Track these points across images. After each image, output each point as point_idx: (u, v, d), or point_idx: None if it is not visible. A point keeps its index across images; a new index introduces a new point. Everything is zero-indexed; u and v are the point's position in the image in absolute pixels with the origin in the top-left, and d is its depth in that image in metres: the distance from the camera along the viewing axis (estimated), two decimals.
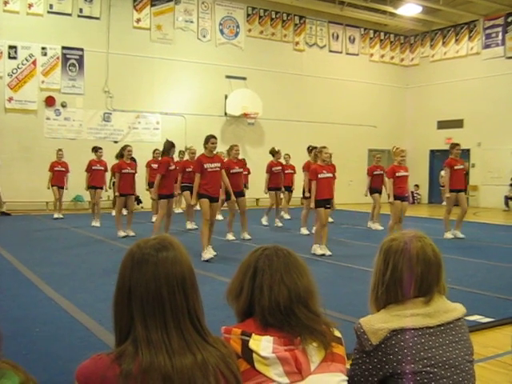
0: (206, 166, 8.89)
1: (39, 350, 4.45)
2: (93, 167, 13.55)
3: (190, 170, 12.02)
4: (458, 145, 11.64)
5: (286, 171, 14.79)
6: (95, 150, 13.77)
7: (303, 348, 1.87)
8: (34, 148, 16.71)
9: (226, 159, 11.89)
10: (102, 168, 13.68)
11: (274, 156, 13.79)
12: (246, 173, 14.17)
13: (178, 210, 15.52)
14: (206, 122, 18.92)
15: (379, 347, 2.00)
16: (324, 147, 9.67)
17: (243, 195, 11.48)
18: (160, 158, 11.12)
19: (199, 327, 1.65)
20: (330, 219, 12.29)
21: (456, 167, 11.44)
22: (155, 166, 12.57)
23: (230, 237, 11.12)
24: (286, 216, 15.32)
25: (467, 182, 11.95)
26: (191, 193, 11.72)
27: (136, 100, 18.38)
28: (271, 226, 13.48)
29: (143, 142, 18.15)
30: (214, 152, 9.14)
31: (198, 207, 12.99)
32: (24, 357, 4.05)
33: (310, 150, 12.06)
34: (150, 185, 13.14)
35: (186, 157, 14.10)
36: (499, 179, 19.41)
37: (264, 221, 13.85)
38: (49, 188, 14.55)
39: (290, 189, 14.86)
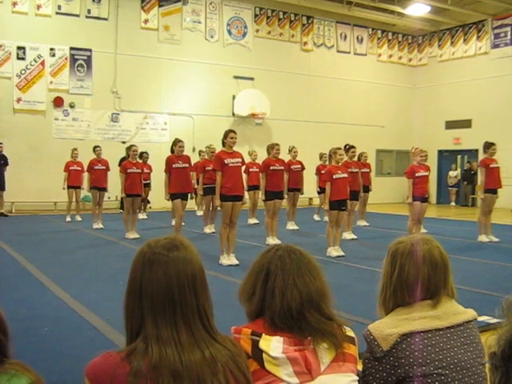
0: (226, 161, 8.42)
1: (48, 349, 4.47)
2: (94, 167, 13.30)
3: (209, 168, 11.41)
4: (493, 144, 11.28)
5: (323, 171, 14.17)
6: (94, 149, 13.59)
7: (313, 348, 1.86)
8: (43, 148, 16.77)
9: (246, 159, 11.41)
10: (104, 167, 13.34)
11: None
12: (300, 168, 13.10)
13: (200, 213, 15.27)
14: (214, 122, 18.92)
15: (390, 352, 1.99)
16: (339, 148, 9.67)
17: (281, 198, 11.11)
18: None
19: (208, 326, 1.66)
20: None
21: (491, 165, 11.12)
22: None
23: (271, 241, 10.34)
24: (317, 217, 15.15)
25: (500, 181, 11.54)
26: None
27: (144, 100, 18.41)
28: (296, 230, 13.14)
29: (151, 142, 18.19)
30: (234, 148, 8.67)
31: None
32: (33, 356, 4.06)
33: (348, 148, 11.39)
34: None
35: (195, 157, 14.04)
36: (508, 179, 19.21)
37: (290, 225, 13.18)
38: (64, 188, 14.23)
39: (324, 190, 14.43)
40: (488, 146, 11.31)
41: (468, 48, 21.99)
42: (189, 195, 10.39)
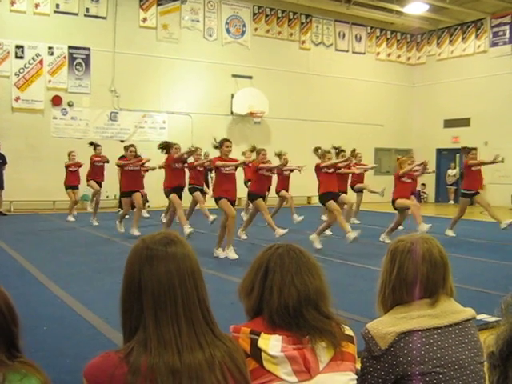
0: (222, 170, 9.01)
1: (47, 348, 4.46)
2: (95, 163, 13.64)
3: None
4: (473, 149, 11.64)
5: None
6: (95, 147, 13.84)
7: (312, 347, 1.87)
8: (41, 147, 16.75)
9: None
10: (103, 163, 13.80)
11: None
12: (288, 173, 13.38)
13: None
14: (212, 121, 18.93)
15: (388, 351, 2.00)
16: (328, 152, 10.10)
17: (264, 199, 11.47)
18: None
19: (208, 318, 1.66)
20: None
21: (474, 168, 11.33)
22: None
23: (281, 231, 10.40)
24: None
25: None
26: (201, 192, 12.59)
27: (142, 99, 18.40)
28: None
29: (149, 141, 18.12)
30: (230, 155, 9.19)
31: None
32: (31, 355, 4.03)
33: (338, 152, 11.54)
34: None
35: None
36: (506, 178, 19.29)
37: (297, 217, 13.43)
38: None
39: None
40: (467, 151, 11.51)
41: (467, 46, 21.98)
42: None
